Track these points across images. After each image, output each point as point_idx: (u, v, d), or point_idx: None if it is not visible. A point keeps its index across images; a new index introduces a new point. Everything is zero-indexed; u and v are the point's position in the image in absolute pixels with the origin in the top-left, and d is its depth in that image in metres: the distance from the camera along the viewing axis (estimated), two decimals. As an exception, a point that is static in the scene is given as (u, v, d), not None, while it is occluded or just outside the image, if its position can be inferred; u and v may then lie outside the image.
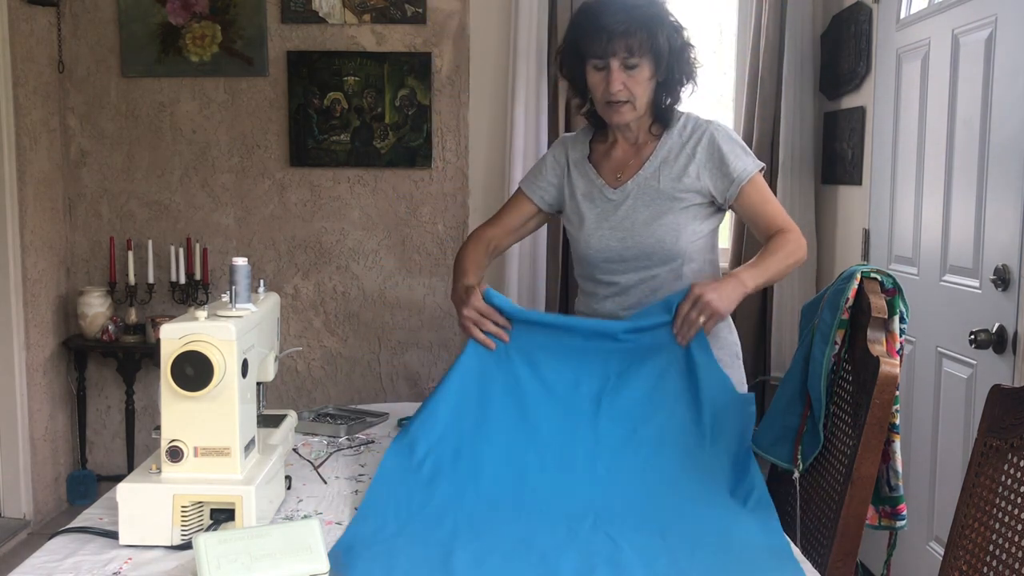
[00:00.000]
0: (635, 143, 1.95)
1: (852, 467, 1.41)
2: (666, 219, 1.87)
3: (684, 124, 1.93)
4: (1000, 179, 2.27)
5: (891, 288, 1.54)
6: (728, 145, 1.88)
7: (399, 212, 3.79)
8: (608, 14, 1.80)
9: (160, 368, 1.25)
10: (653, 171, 1.91)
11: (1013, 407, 1.32)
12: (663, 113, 1.91)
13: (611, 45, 1.80)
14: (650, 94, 1.87)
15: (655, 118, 1.92)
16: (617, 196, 1.92)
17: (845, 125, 3.34)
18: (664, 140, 1.92)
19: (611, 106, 1.86)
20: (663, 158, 1.91)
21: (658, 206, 1.88)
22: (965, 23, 2.46)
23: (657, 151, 1.92)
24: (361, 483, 1.55)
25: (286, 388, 3.88)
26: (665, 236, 1.86)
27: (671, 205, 1.87)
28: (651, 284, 1.89)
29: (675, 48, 1.85)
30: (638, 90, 1.84)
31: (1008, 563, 1.27)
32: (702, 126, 1.92)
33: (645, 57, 1.82)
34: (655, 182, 1.90)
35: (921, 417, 2.68)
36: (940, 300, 2.57)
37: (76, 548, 1.25)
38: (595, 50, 1.82)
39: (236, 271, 1.36)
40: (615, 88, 1.82)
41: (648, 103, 1.88)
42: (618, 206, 1.92)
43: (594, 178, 1.97)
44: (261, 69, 3.71)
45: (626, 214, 1.90)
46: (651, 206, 1.88)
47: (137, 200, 3.81)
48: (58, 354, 3.74)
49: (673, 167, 1.89)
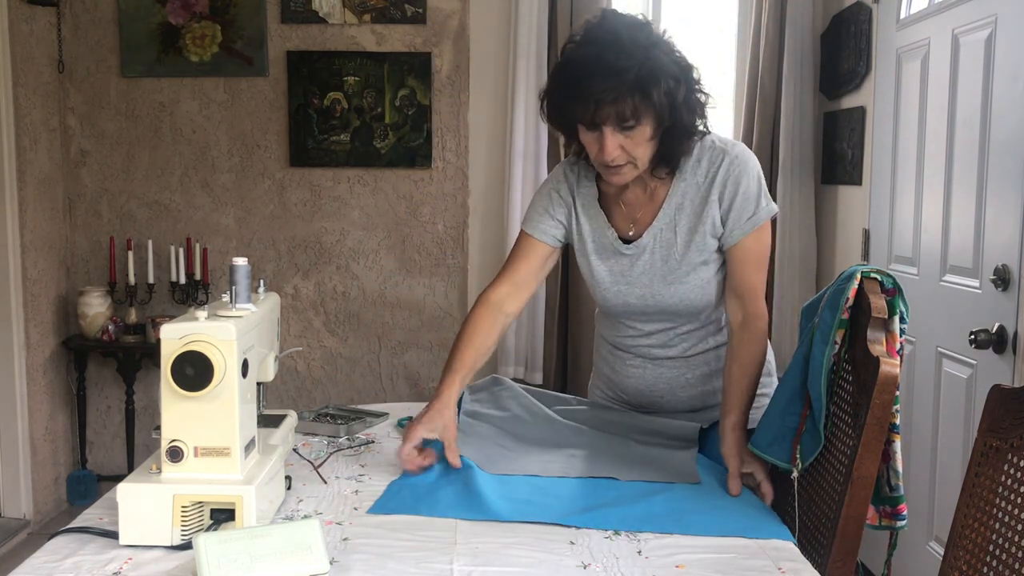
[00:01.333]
0: (646, 187, 1.72)
1: (852, 467, 1.41)
2: (689, 279, 1.70)
3: (699, 158, 1.69)
4: (1000, 179, 2.27)
5: (891, 288, 1.54)
6: (744, 187, 1.65)
7: (399, 212, 3.79)
8: (594, 79, 1.52)
9: (160, 368, 1.25)
10: (669, 220, 1.70)
11: (1013, 407, 1.32)
12: (672, 159, 1.66)
13: (599, 113, 1.54)
14: (654, 149, 1.62)
15: (663, 163, 1.67)
16: (632, 251, 1.72)
17: (845, 125, 3.34)
18: (677, 181, 1.70)
19: (608, 169, 1.62)
20: (678, 204, 1.70)
21: (678, 263, 1.70)
22: (965, 23, 2.46)
23: (671, 195, 1.70)
24: (361, 483, 1.55)
25: (286, 388, 3.88)
26: (689, 294, 1.71)
27: (692, 261, 1.69)
28: (677, 331, 1.78)
29: (677, 99, 1.57)
30: (638, 151, 1.59)
31: (1008, 563, 1.27)
32: (719, 159, 1.67)
33: (644, 117, 1.55)
34: (671, 235, 1.70)
35: (921, 417, 2.68)
36: (940, 300, 2.57)
37: (76, 548, 1.25)
38: (582, 116, 1.57)
39: (236, 271, 1.36)
40: (612, 156, 1.58)
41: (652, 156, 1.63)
42: (634, 261, 1.73)
43: (605, 228, 1.75)
44: (261, 69, 3.71)
45: (643, 271, 1.72)
46: (670, 263, 1.70)
47: (137, 200, 3.81)
48: (58, 354, 3.74)
49: (689, 215, 1.69)
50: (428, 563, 1.23)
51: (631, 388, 1.85)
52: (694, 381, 1.81)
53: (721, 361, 1.79)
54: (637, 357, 1.83)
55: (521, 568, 1.23)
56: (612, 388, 1.92)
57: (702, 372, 1.81)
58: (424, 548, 1.28)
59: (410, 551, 1.27)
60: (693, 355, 1.80)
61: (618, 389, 1.89)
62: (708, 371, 1.81)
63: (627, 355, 1.84)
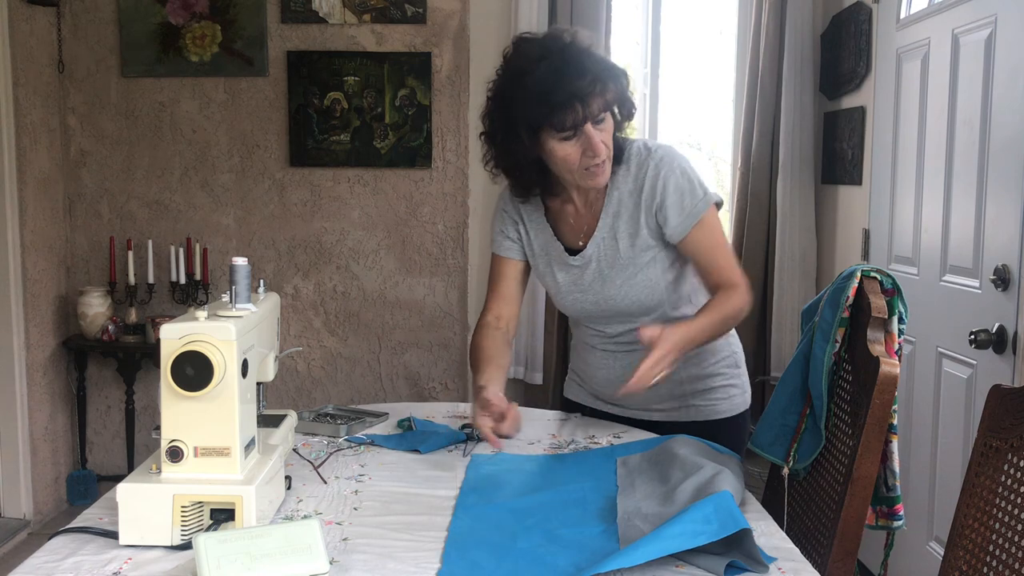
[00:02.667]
0: (586, 198, 1.78)
1: (852, 467, 1.41)
2: (635, 280, 1.75)
3: (627, 163, 1.74)
4: (1000, 179, 2.27)
5: (890, 288, 1.54)
6: (673, 185, 1.70)
7: (399, 212, 3.79)
8: (574, 78, 1.57)
9: (160, 368, 1.25)
10: (608, 229, 1.76)
11: (1013, 407, 1.33)
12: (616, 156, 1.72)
13: (587, 111, 1.58)
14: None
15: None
16: (579, 262, 1.79)
17: (845, 125, 3.34)
18: (611, 190, 1.74)
19: (590, 170, 1.65)
20: (614, 212, 1.75)
21: (623, 269, 1.75)
22: (965, 23, 2.46)
23: (607, 204, 1.75)
24: (361, 483, 1.55)
25: (286, 388, 3.88)
26: (639, 295, 1.76)
27: (635, 264, 1.75)
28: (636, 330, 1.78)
29: (625, 89, 1.66)
30: (609, 144, 1.65)
31: (1008, 563, 1.27)
32: (645, 164, 1.73)
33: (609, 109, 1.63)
34: (612, 242, 1.76)
35: (921, 417, 2.68)
36: (940, 300, 2.57)
37: (76, 548, 1.25)
38: (565, 122, 1.58)
39: (236, 271, 1.36)
40: (603, 149, 1.62)
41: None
42: (583, 271, 1.79)
43: (552, 242, 1.82)
44: (261, 69, 3.71)
45: (593, 279, 1.78)
46: (615, 268, 1.76)
47: (137, 200, 3.81)
48: (58, 354, 3.74)
49: (627, 221, 1.74)
50: (428, 563, 1.23)
51: (602, 379, 1.91)
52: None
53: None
54: (605, 351, 1.89)
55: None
56: (585, 382, 1.98)
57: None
58: (424, 548, 1.28)
59: (410, 551, 1.27)
60: None
61: (592, 382, 1.95)
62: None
63: (596, 351, 1.91)
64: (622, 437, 1.80)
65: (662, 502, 1.39)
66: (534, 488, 1.52)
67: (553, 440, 1.80)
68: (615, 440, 1.78)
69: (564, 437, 1.82)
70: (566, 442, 1.78)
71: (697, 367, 1.84)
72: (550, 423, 1.93)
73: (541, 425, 1.90)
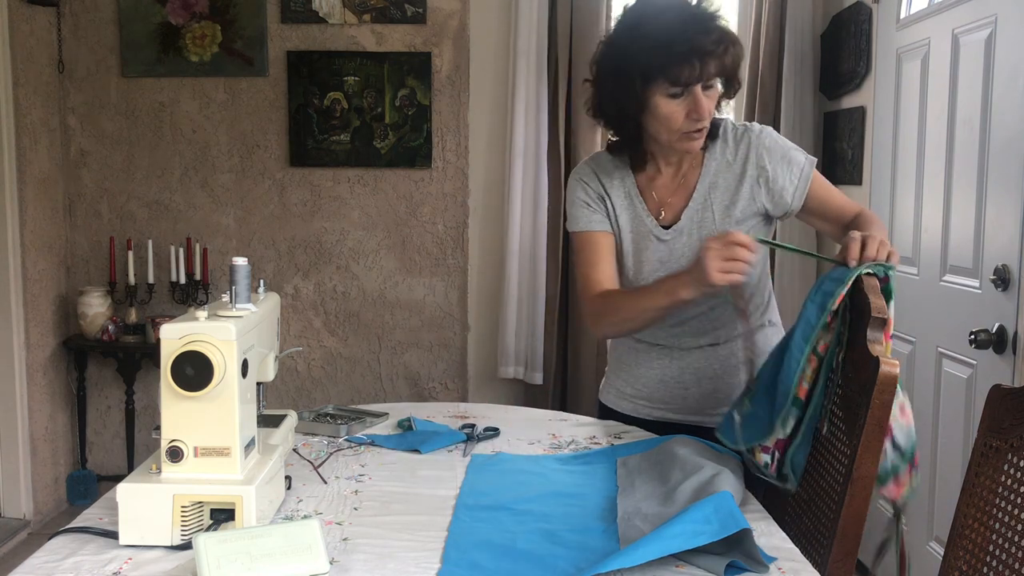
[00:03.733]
0: (678, 167, 1.76)
1: (852, 467, 1.40)
2: None
3: (724, 136, 1.74)
4: (1000, 179, 2.27)
5: (884, 277, 1.54)
6: (779, 156, 1.71)
7: (399, 212, 3.79)
8: (699, 33, 1.55)
9: (160, 368, 1.25)
10: (704, 200, 1.74)
11: (1013, 407, 1.32)
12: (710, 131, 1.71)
13: (704, 69, 1.56)
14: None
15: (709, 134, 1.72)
16: (670, 236, 1.75)
17: (845, 125, 3.34)
18: (708, 161, 1.74)
19: (690, 135, 1.64)
20: (711, 183, 1.74)
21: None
22: (965, 23, 2.46)
23: (704, 175, 1.74)
24: (361, 483, 1.55)
25: (286, 388, 3.88)
26: None
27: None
28: (710, 315, 1.78)
29: (739, 62, 1.64)
30: (712, 111, 1.64)
31: (1008, 563, 1.27)
32: (744, 137, 1.73)
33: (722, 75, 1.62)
34: (709, 213, 1.73)
35: (921, 417, 2.68)
36: (940, 300, 2.57)
37: (76, 548, 1.25)
38: (681, 75, 1.56)
39: (236, 271, 1.36)
40: (708, 112, 1.61)
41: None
42: (672, 246, 1.75)
43: (644, 216, 1.77)
44: (261, 69, 3.71)
45: (683, 253, 1.74)
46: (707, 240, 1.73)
47: (137, 200, 3.81)
48: (58, 354, 3.74)
49: (724, 193, 1.73)
50: (428, 563, 1.23)
51: (654, 381, 1.85)
52: (720, 372, 1.82)
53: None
54: (664, 348, 1.84)
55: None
56: (631, 384, 1.90)
57: (731, 363, 1.82)
58: (424, 548, 1.28)
59: (410, 551, 1.26)
60: (724, 342, 1.81)
61: (639, 384, 1.88)
62: (735, 362, 1.81)
63: (653, 348, 1.85)
64: (622, 437, 1.81)
65: (662, 502, 1.39)
66: (534, 488, 1.52)
67: (553, 440, 1.80)
68: (615, 440, 1.79)
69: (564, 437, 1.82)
70: (566, 442, 1.79)
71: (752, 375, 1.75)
72: (550, 423, 1.93)
73: (541, 425, 1.90)
